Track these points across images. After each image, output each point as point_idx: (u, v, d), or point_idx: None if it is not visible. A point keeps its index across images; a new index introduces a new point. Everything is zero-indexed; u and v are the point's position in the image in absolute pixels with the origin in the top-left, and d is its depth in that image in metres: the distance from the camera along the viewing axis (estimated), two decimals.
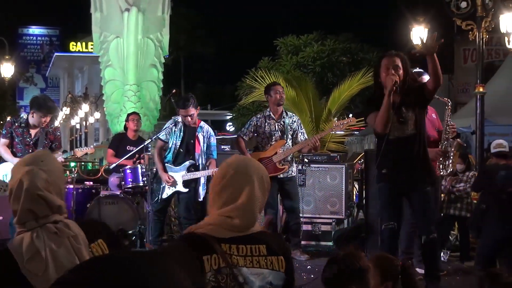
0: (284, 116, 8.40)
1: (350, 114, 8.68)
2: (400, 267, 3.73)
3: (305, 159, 9.11)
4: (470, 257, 8.49)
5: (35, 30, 66.48)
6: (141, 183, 8.83)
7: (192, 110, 7.98)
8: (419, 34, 12.72)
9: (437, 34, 5.82)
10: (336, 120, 8.44)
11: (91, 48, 41.50)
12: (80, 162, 11.42)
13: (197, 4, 45.91)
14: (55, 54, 58.29)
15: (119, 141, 9.90)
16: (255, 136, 8.43)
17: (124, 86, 15.56)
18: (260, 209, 2.90)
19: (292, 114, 8.71)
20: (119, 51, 15.67)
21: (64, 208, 2.85)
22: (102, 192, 9.50)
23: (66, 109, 47.94)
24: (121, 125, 13.60)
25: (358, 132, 22.24)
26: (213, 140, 8.29)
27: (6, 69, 22.93)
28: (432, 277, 6.14)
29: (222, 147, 9.90)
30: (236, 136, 8.85)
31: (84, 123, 45.58)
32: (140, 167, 8.87)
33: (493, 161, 8.37)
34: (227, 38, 49.90)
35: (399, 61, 6.03)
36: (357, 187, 10.67)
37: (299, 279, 7.11)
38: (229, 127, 34.48)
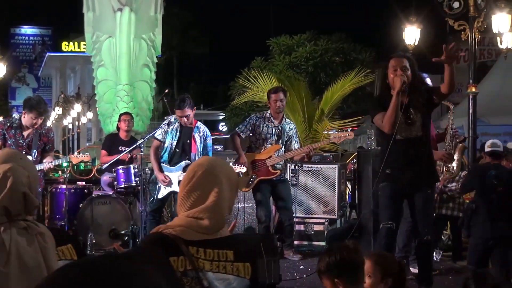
0: (283, 122, 8.41)
1: (349, 129, 8.65)
2: (399, 265, 3.83)
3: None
4: (463, 257, 8.51)
5: (27, 30, 66.26)
6: (133, 183, 8.82)
7: (188, 111, 7.95)
8: (411, 34, 12.73)
9: (455, 44, 5.84)
10: (334, 131, 8.42)
11: (84, 48, 41.48)
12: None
13: (190, 4, 45.82)
14: (48, 54, 58.09)
15: (111, 142, 9.88)
16: (251, 135, 8.42)
17: (117, 86, 15.53)
18: (229, 209, 2.88)
19: (291, 121, 8.74)
20: (112, 51, 15.64)
21: (35, 210, 2.86)
22: (95, 192, 9.48)
23: (58, 109, 47.81)
24: (113, 125, 13.57)
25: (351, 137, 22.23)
26: (209, 141, 8.27)
27: None
28: (424, 279, 6.15)
29: (215, 147, 9.88)
30: (233, 132, 8.80)
31: (76, 123, 45.45)
32: (132, 167, 8.85)
33: (485, 161, 8.39)
34: (219, 38, 49.95)
35: (407, 62, 6.06)
36: (349, 187, 10.68)
37: (292, 279, 7.11)
38: (222, 127, 34.47)
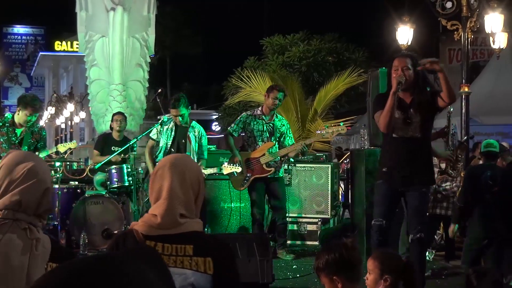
0: (274, 118, 8.39)
1: (341, 123, 8.67)
2: (403, 264, 3.77)
3: (291, 159, 9.11)
4: (456, 256, 8.53)
5: (20, 29, 66.10)
6: (126, 183, 8.80)
7: (182, 110, 7.93)
8: (404, 34, 12.75)
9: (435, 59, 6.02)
10: (326, 127, 8.42)
11: (77, 48, 41.41)
12: (65, 162, 11.36)
13: (183, 3, 45.77)
14: (40, 53, 57.95)
15: (104, 142, 9.87)
16: (243, 134, 8.42)
17: (110, 86, 15.52)
18: (186, 208, 2.79)
19: (282, 117, 8.70)
20: (105, 50, 15.62)
21: (46, 215, 2.82)
22: (87, 192, 9.46)
23: (51, 109, 47.74)
24: (106, 124, 13.56)
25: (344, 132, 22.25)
26: (205, 140, 8.24)
27: None
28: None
29: (208, 146, 9.87)
30: (225, 133, 8.80)
31: (69, 122, 45.43)
32: (125, 166, 8.83)
33: (477, 162, 8.41)
34: (213, 38, 49.88)
35: (409, 62, 6.06)
36: (342, 186, 10.69)
37: (285, 278, 7.11)
38: (215, 126, 34.42)
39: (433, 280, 6.98)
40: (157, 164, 2.91)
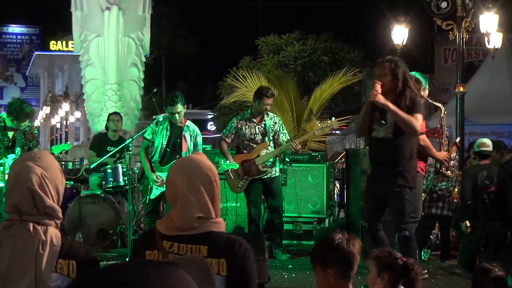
0: (265, 119, 8.36)
1: (332, 118, 8.67)
2: (402, 263, 3.78)
3: (286, 159, 9.12)
4: (451, 256, 8.55)
5: (15, 28, 65.85)
6: (122, 183, 8.79)
7: (180, 107, 7.95)
8: (400, 33, 12.76)
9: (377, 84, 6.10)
10: (318, 123, 8.42)
11: (72, 47, 41.27)
12: (61, 161, 11.34)
13: (178, 3, 45.75)
14: (35, 53, 57.75)
15: (99, 142, 9.86)
16: (237, 137, 8.42)
17: (105, 85, 15.49)
18: (203, 210, 2.78)
19: (274, 115, 8.66)
20: (100, 50, 15.60)
21: (56, 213, 2.77)
22: (83, 192, 9.45)
23: (46, 108, 47.65)
24: (102, 124, 13.55)
25: (339, 132, 22.29)
26: (200, 139, 8.25)
27: None
28: None
29: (203, 146, 9.87)
30: (218, 139, 8.83)
31: (64, 122, 45.37)
32: (121, 166, 8.82)
33: (472, 161, 8.42)
34: (208, 37, 49.91)
35: (387, 68, 6.14)
36: (338, 186, 10.70)
37: (281, 278, 7.11)
38: (211, 126, 34.42)
39: (428, 279, 6.97)
40: (168, 170, 2.96)
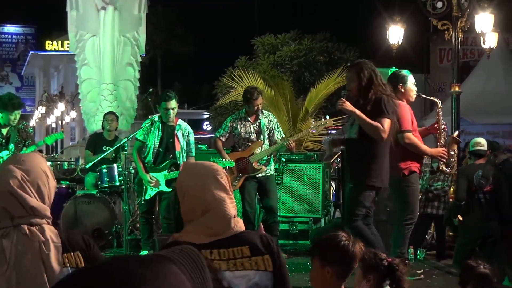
0: (260, 118, 8.35)
1: (327, 116, 8.69)
2: (387, 264, 3.72)
3: (282, 158, 9.11)
4: (446, 256, 8.56)
5: (10, 28, 65.74)
6: (117, 183, 8.79)
7: (174, 103, 7.97)
8: (395, 33, 12.77)
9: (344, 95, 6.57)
10: (313, 121, 8.43)
11: (67, 47, 41.17)
12: (56, 161, 11.33)
13: (174, 2, 45.73)
14: (31, 52, 57.70)
15: (95, 142, 9.84)
16: (232, 136, 8.42)
17: (101, 85, 15.49)
18: (233, 207, 2.84)
19: (268, 113, 8.65)
20: (95, 49, 15.59)
21: (44, 212, 2.77)
22: (78, 192, 9.44)
23: (41, 108, 47.58)
24: (97, 124, 13.54)
25: (335, 131, 22.29)
26: (192, 138, 8.28)
27: None
28: None
29: (199, 146, 9.87)
30: (213, 138, 8.83)
31: (60, 122, 45.26)
32: (116, 166, 8.82)
33: (469, 161, 8.43)
34: (204, 37, 49.86)
35: (352, 74, 6.46)
36: (334, 186, 10.70)
37: None
38: (206, 126, 34.46)
39: (424, 279, 6.98)
40: (181, 180, 2.90)
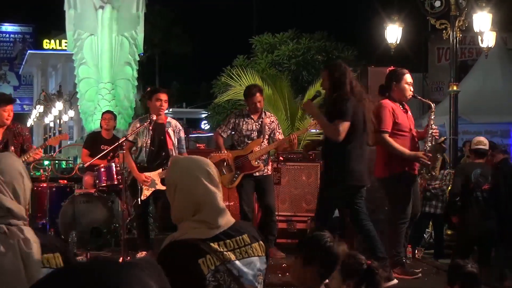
0: (262, 117, 8.36)
1: None
2: (367, 267, 3.69)
3: (280, 157, 9.11)
4: (444, 255, 8.56)
5: (8, 27, 65.62)
6: (115, 182, 8.78)
7: (165, 95, 7.99)
8: (393, 32, 12.77)
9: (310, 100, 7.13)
10: (312, 119, 8.43)
11: (65, 46, 41.19)
12: (54, 160, 11.32)
13: (172, 1, 45.67)
14: (29, 51, 57.66)
15: (93, 140, 9.84)
16: (232, 134, 8.42)
17: (99, 84, 15.49)
18: (221, 198, 2.90)
19: (271, 114, 8.68)
20: (93, 48, 15.59)
21: (21, 213, 2.74)
22: (76, 191, 9.43)
23: (39, 107, 47.53)
24: (95, 123, 13.56)
25: None
26: (183, 134, 8.29)
27: None
28: None
29: (198, 145, 9.87)
30: (215, 133, 8.82)
31: (58, 121, 45.19)
32: (114, 165, 8.81)
33: (467, 160, 8.44)
34: (202, 36, 49.82)
35: (324, 75, 6.84)
36: None
37: (274, 277, 7.11)
38: (204, 125, 34.42)
39: (421, 278, 6.99)
40: (171, 175, 2.92)
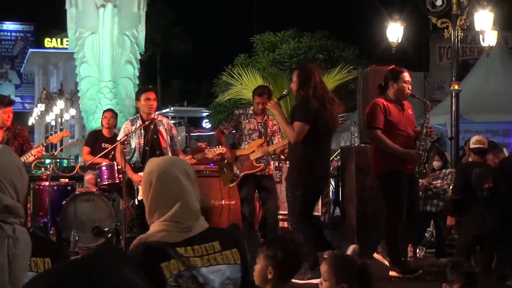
0: (266, 119, 8.37)
1: None
2: (359, 268, 3.68)
3: (282, 156, 9.11)
4: (446, 254, 8.56)
5: (9, 25, 65.67)
6: (117, 180, 8.78)
7: (153, 94, 7.96)
8: (394, 31, 12.76)
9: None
10: None
11: (67, 44, 41.21)
12: (55, 159, 11.31)
13: (172, 0, 45.67)
14: (30, 50, 57.72)
15: (94, 139, 9.84)
16: (234, 132, 8.42)
17: (100, 83, 15.52)
18: (197, 200, 2.86)
19: (274, 118, 8.68)
20: (95, 47, 15.60)
21: (18, 211, 2.69)
22: (78, 189, 9.43)
23: (41, 106, 47.53)
24: (97, 121, 13.56)
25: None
26: (175, 131, 8.26)
27: None
28: None
29: (199, 144, 9.87)
30: (217, 130, 8.82)
31: (59, 119, 45.19)
32: (116, 164, 8.81)
33: (468, 159, 8.43)
34: (203, 35, 49.81)
35: (294, 75, 6.98)
36: (333, 184, 10.70)
37: None
38: (205, 124, 34.40)
39: (423, 277, 6.99)
40: (146, 175, 2.86)
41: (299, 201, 6.76)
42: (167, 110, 40.98)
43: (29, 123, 53.69)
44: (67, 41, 34.39)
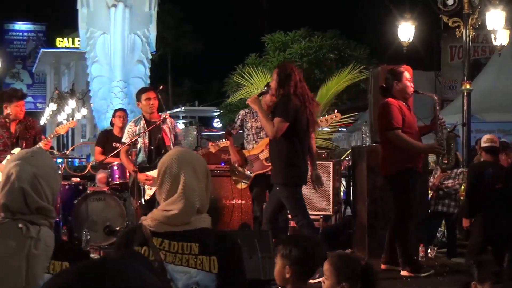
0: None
1: (335, 110, 8.75)
2: (361, 267, 3.65)
3: None
4: (457, 253, 8.54)
5: (21, 25, 65.87)
6: (128, 180, 8.79)
7: (153, 93, 7.97)
8: (406, 31, 12.74)
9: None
10: (321, 117, 8.44)
11: (78, 44, 41.38)
12: (67, 158, 11.36)
13: (182, 0, 45.68)
14: (42, 50, 57.86)
15: (105, 139, 9.87)
16: (241, 131, 8.42)
17: (111, 83, 15.55)
18: (201, 202, 2.83)
19: None
20: (106, 47, 15.65)
21: (49, 213, 2.72)
22: (89, 189, 9.46)
23: (52, 105, 47.72)
24: (108, 121, 13.58)
25: (345, 129, 22.28)
26: (178, 129, 8.30)
27: None
28: None
29: (210, 143, 9.86)
30: (225, 132, 8.84)
31: (71, 119, 45.39)
32: None
33: (480, 158, 8.40)
34: (214, 34, 49.82)
35: (274, 73, 6.96)
36: (344, 183, 10.69)
37: None
38: (216, 123, 34.41)
39: (434, 277, 6.98)
40: (161, 164, 2.89)
41: (295, 198, 6.87)
42: (178, 109, 41.03)
43: (41, 122, 53.87)
44: (78, 41, 34.53)
